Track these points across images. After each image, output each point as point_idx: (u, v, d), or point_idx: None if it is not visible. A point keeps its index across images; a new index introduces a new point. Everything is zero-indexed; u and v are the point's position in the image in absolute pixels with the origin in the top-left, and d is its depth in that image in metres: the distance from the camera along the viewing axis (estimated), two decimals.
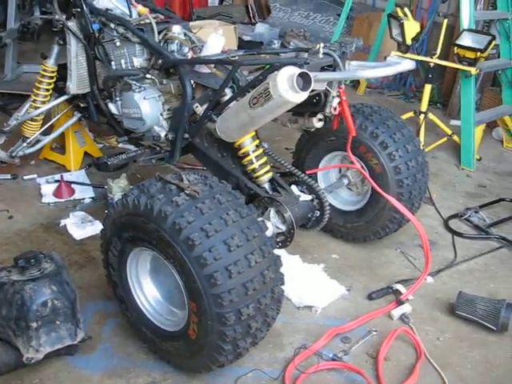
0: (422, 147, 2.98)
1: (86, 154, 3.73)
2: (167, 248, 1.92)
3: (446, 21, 4.18)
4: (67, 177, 3.50)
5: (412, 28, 3.98)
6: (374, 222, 2.92)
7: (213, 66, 2.56)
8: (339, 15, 5.84)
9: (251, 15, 7.09)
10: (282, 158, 2.83)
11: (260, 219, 2.29)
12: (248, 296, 1.88)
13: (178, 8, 7.13)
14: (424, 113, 4.13)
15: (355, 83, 5.63)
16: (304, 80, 1.97)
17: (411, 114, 4.23)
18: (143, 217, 1.96)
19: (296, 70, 1.96)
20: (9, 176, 3.51)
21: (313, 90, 2.08)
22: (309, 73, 1.95)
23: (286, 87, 1.95)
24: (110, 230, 2.16)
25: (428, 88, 4.16)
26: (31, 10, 2.94)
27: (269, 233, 2.36)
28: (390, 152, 2.77)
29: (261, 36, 6.41)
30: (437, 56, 4.11)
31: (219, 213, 1.92)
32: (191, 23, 4.84)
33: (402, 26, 3.97)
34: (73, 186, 3.41)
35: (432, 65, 4.12)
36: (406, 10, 4.05)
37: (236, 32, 4.94)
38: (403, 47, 4.07)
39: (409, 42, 4.00)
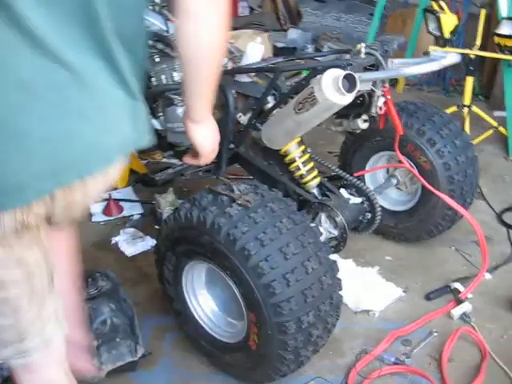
0: (470, 141, 2.92)
1: (131, 170, 3.77)
2: (223, 260, 1.91)
3: (483, 11, 4.10)
4: (115, 194, 3.53)
5: (449, 21, 3.91)
6: (426, 221, 2.86)
7: (253, 74, 2.55)
8: (371, 15, 5.79)
9: (282, 22, 7.06)
10: (328, 161, 2.80)
11: (313, 225, 2.27)
12: (307, 304, 1.86)
13: None
14: (468, 106, 4.04)
15: (393, 81, 5.54)
16: (349, 81, 1.94)
17: (454, 108, 4.14)
18: (197, 230, 1.97)
19: (341, 72, 1.93)
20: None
21: (358, 91, 2.05)
22: (354, 74, 1.93)
23: (331, 90, 1.93)
24: (164, 245, 2.17)
25: (470, 80, 4.07)
26: None
27: (322, 238, 2.34)
28: (439, 148, 2.71)
29: (294, 42, 6.38)
30: (477, 47, 4.03)
31: (272, 221, 1.90)
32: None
33: (438, 19, 3.90)
34: (121, 203, 3.44)
35: (472, 57, 4.04)
36: (442, 2, 3.98)
37: (270, 40, 4.94)
38: (441, 41, 3.99)
39: (447, 35, 3.92)
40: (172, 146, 2.98)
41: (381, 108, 2.38)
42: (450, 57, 2.19)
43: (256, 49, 2.56)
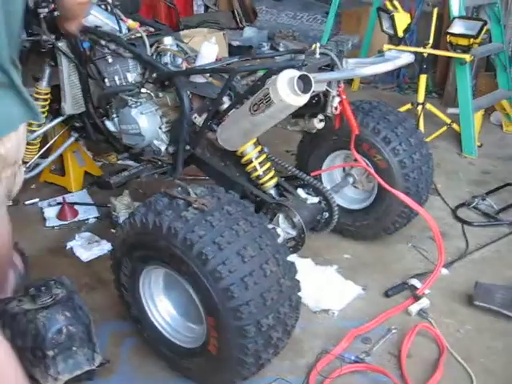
0: (425, 139, 2.96)
1: (86, 173, 3.70)
2: (180, 264, 1.88)
3: (435, 10, 4.16)
4: (69, 198, 3.46)
5: (403, 20, 3.96)
6: (383, 219, 2.89)
7: (208, 75, 2.52)
8: (326, 13, 5.81)
9: (238, 20, 7.05)
10: (285, 161, 2.80)
11: (270, 226, 2.26)
12: (266, 306, 1.85)
13: (164, 18, 7.10)
14: (422, 104, 4.10)
15: (349, 80, 5.59)
16: (304, 82, 1.93)
17: (409, 106, 4.21)
18: (153, 235, 1.93)
19: (296, 73, 1.93)
20: (10, 202, 3.46)
21: (313, 92, 2.04)
22: (309, 75, 1.92)
23: (286, 91, 1.92)
24: (120, 251, 2.13)
25: (423, 78, 4.14)
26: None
27: (279, 239, 2.34)
28: (394, 147, 2.74)
29: (250, 40, 6.36)
30: (430, 46, 4.09)
31: (230, 224, 1.88)
32: (182, 32, 4.84)
33: (392, 18, 3.95)
34: (76, 206, 3.38)
35: (425, 55, 4.10)
36: (396, 1, 4.03)
37: (225, 38, 4.92)
38: (395, 40, 4.04)
39: (401, 34, 3.98)
40: (127, 147, 2.93)
41: (336, 108, 2.38)
42: (404, 57, 2.21)
43: (210, 49, 2.53)
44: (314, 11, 6.40)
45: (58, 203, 3.39)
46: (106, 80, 2.86)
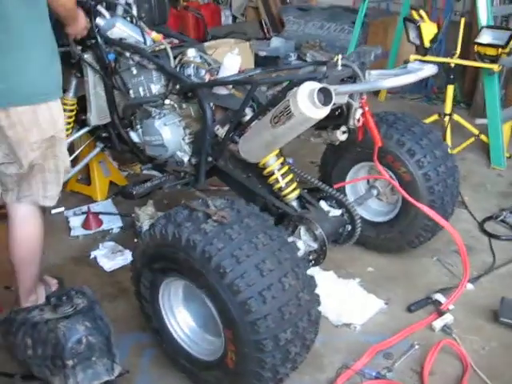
0: (450, 151, 2.92)
1: (111, 183, 3.73)
2: (198, 277, 1.88)
3: (463, 19, 4.11)
4: (94, 208, 3.50)
5: (429, 30, 3.92)
6: (407, 232, 2.85)
7: (231, 86, 2.52)
8: (353, 23, 5.78)
9: (265, 30, 7.05)
10: (308, 172, 2.78)
11: (291, 239, 2.25)
12: (285, 321, 1.83)
13: (193, 29, 7.15)
14: (449, 114, 4.05)
15: (376, 91, 5.56)
16: (325, 95, 1.92)
17: (436, 116, 4.15)
18: (172, 247, 1.93)
19: (316, 85, 1.91)
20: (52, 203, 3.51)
21: (334, 104, 2.03)
22: (329, 87, 1.91)
23: (306, 104, 1.91)
24: (140, 262, 2.14)
25: (451, 89, 4.08)
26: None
27: (300, 252, 2.32)
28: (418, 159, 2.70)
29: (277, 50, 6.36)
30: (457, 56, 4.04)
31: (249, 237, 1.88)
32: (206, 44, 4.86)
33: (418, 28, 3.90)
34: (100, 216, 3.40)
35: (453, 65, 4.04)
36: (422, 12, 3.98)
37: (252, 49, 4.92)
38: (422, 50, 4.00)
39: (427, 44, 3.93)
40: (150, 158, 2.95)
41: (359, 120, 2.36)
42: (427, 69, 2.18)
43: (233, 60, 2.53)
44: (341, 21, 6.36)
45: (83, 213, 3.42)
46: (131, 91, 2.88)
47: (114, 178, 3.74)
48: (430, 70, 2.18)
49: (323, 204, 2.57)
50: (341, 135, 2.54)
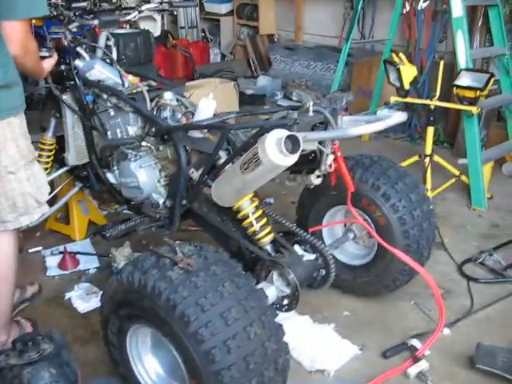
0: (427, 195, 2.93)
1: (90, 222, 3.71)
2: (163, 325, 1.86)
3: (442, 62, 4.16)
4: (72, 247, 3.47)
5: (409, 72, 3.96)
6: (383, 275, 2.84)
7: (206, 130, 2.54)
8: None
9: (253, 68, 7.15)
10: (288, 213, 2.78)
11: (262, 285, 2.24)
12: (250, 370, 1.81)
13: (181, 66, 7.25)
14: (429, 155, 4.07)
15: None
16: (293, 142, 1.93)
17: (416, 157, 4.18)
18: (138, 293, 1.92)
19: (284, 133, 1.92)
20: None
21: (304, 151, 2.04)
22: (297, 135, 1.92)
23: (274, 151, 1.91)
24: (108, 308, 2.12)
25: (431, 130, 4.11)
26: (37, 80, 3.03)
27: (272, 298, 2.31)
28: (393, 203, 2.70)
29: (263, 89, 6.45)
30: (436, 98, 4.08)
31: (214, 285, 1.86)
32: (190, 83, 4.92)
33: (398, 71, 3.95)
34: (77, 256, 3.38)
35: (432, 107, 4.08)
36: (401, 55, 4.03)
37: (236, 88, 4.98)
38: (402, 92, 4.04)
39: (407, 86, 3.97)
40: (127, 199, 2.94)
41: (331, 166, 2.37)
42: (396, 117, 2.20)
43: (208, 104, 2.55)
44: (327, 61, 6.46)
45: (61, 252, 3.40)
46: (108, 132, 2.89)
47: (94, 217, 3.72)
48: (398, 118, 2.20)
49: (297, 248, 2.56)
50: (315, 179, 2.54)
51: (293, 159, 1.94)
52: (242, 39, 7.74)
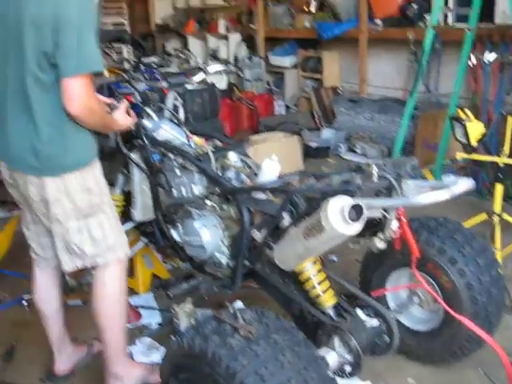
0: (495, 258, 2.83)
1: (154, 275, 3.77)
2: None
3: (510, 118, 4.06)
4: (135, 300, 3.52)
5: (476, 129, 3.88)
6: (450, 342, 2.73)
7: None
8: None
9: (317, 121, 7.20)
10: (350, 271, 2.74)
11: (323, 351, 2.21)
12: None
13: (246, 119, 7.39)
14: (498, 214, 3.95)
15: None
16: (357, 210, 1.92)
17: (484, 215, 4.06)
18: (198, 359, 1.92)
19: (348, 201, 1.92)
20: (80, 302, 3.57)
21: (368, 218, 2.02)
22: (361, 204, 1.91)
23: (337, 220, 1.91)
24: (168, 369, 2.12)
25: (499, 187, 4.00)
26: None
27: (333, 365, 2.26)
28: (460, 268, 2.62)
29: (327, 141, 6.47)
30: (505, 154, 3.97)
31: (275, 354, 1.84)
32: (255, 137, 5.00)
33: (464, 127, 3.88)
34: (140, 310, 3.42)
35: (501, 164, 3.98)
36: (468, 111, 3.97)
37: (300, 142, 5.01)
38: (468, 148, 3.96)
39: (474, 143, 3.89)
40: (190, 257, 2.98)
41: (395, 231, 2.33)
42: (462, 184, 2.15)
43: (272, 166, 2.58)
44: (391, 113, 6.42)
45: None
46: (174, 190, 2.96)
47: (157, 271, 3.77)
48: (465, 186, 2.15)
49: (360, 313, 2.51)
50: (379, 243, 2.50)
51: (357, 228, 1.93)
52: (306, 91, 7.84)
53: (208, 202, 2.80)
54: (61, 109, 2.16)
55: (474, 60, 5.43)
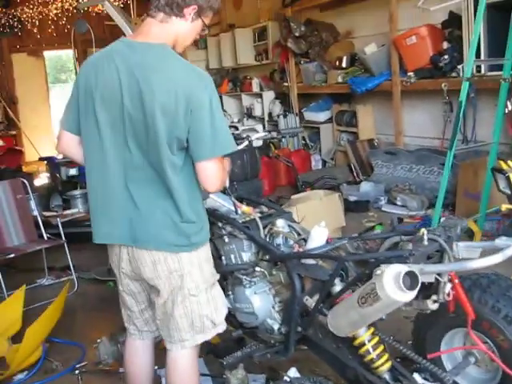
0: None
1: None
2: None
3: None
4: None
5: None
6: None
7: None
8: (442, 164, 5.83)
9: (355, 174, 7.25)
10: (400, 329, 2.70)
11: None
12: None
13: (284, 175, 7.48)
14: None
15: (470, 233, 5.45)
16: (411, 277, 1.94)
17: None
18: None
19: (402, 269, 1.94)
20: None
21: (421, 283, 2.03)
22: (416, 271, 1.93)
23: (393, 288, 1.93)
24: None
25: None
26: None
27: None
28: None
29: (366, 194, 6.49)
30: None
31: None
32: (296, 196, 5.05)
33: (508, 179, 3.88)
34: None
35: None
36: (510, 162, 3.98)
37: (341, 199, 5.05)
38: None
39: None
40: (241, 324, 3.00)
41: (448, 294, 2.33)
42: None
43: (320, 232, 2.62)
44: (429, 163, 6.44)
45: None
46: (223, 258, 3.01)
47: None
48: None
49: (417, 376, 2.48)
50: (432, 304, 2.49)
51: (412, 295, 1.94)
52: (342, 145, 7.92)
53: (258, 269, 2.84)
54: (193, 188, 2.34)
55: (509, 106, 5.44)
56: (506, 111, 5.38)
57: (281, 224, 2.82)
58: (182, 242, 2.35)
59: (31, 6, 10.96)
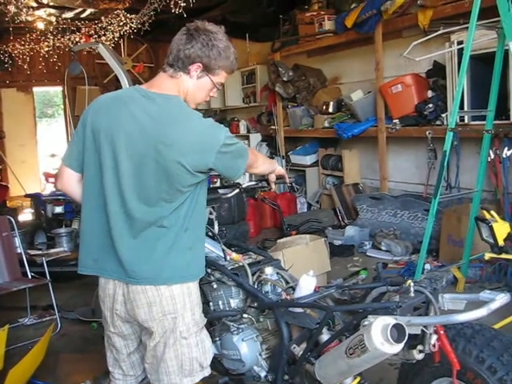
0: None
1: None
2: None
3: None
4: None
5: (502, 229, 3.95)
6: None
7: None
8: (426, 210, 5.92)
9: (340, 218, 7.32)
10: (384, 377, 2.72)
11: None
12: None
13: (270, 217, 7.53)
14: None
15: (453, 279, 5.51)
16: (398, 329, 1.97)
17: None
18: None
19: (389, 321, 1.98)
20: None
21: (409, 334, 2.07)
22: (403, 324, 1.97)
23: (380, 340, 1.96)
24: None
25: None
26: None
27: None
28: (500, 377, 2.59)
29: (351, 239, 6.55)
30: None
31: None
32: (282, 240, 5.10)
33: (491, 228, 3.96)
34: None
35: None
36: (493, 212, 4.06)
37: (326, 244, 5.10)
38: (496, 249, 4.01)
39: (501, 243, 3.95)
40: (227, 371, 3.00)
41: (434, 345, 2.36)
42: (499, 300, 2.21)
43: (309, 281, 2.65)
44: (413, 209, 6.54)
45: None
46: (211, 304, 3.02)
47: None
48: (502, 302, 2.21)
49: None
50: (417, 354, 2.52)
51: (399, 347, 1.98)
52: (328, 189, 8.01)
53: (245, 316, 2.86)
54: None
55: (492, 155, 5.59)
56: (489, 159, 5.52)
57: (269, 271, 2.85)
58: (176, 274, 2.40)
59: (23, 43, 11.03)
